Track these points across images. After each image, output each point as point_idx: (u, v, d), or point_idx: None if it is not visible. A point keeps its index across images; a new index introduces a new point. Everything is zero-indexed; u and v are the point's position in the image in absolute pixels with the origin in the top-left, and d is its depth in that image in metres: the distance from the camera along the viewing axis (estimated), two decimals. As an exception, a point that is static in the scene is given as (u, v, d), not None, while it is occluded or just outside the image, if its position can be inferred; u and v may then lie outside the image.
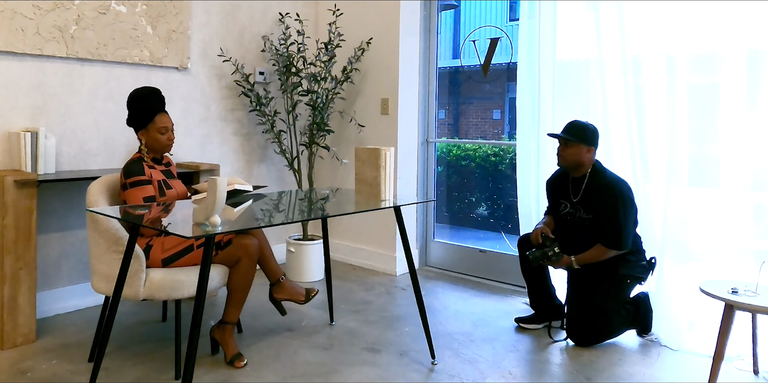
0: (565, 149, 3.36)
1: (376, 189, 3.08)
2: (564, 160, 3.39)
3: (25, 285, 3.14)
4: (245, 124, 4.72)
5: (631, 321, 3.39)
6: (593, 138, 3.36)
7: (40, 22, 3.45)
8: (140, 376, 2.84)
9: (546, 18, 3.88)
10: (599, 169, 3.39)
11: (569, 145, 3.34)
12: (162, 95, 3.14)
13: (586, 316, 3.31)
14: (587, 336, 3.31)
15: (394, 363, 3.05)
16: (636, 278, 3.35)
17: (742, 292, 2.73)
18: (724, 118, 3.29)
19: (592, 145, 3.35)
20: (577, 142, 3.31)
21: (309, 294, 3.29)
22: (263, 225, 2.62)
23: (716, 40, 3.30)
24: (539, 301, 3.62)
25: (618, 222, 3.24)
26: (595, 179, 3.36)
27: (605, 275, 3.32)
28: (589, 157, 3.37)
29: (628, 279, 3.34)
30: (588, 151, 3.35)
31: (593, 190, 3.35)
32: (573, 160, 3.36)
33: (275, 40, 4.79)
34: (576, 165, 3.38)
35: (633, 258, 3.33)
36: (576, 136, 3.32)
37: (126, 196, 2.92)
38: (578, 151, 3.33)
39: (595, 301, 3.29)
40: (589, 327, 3.30)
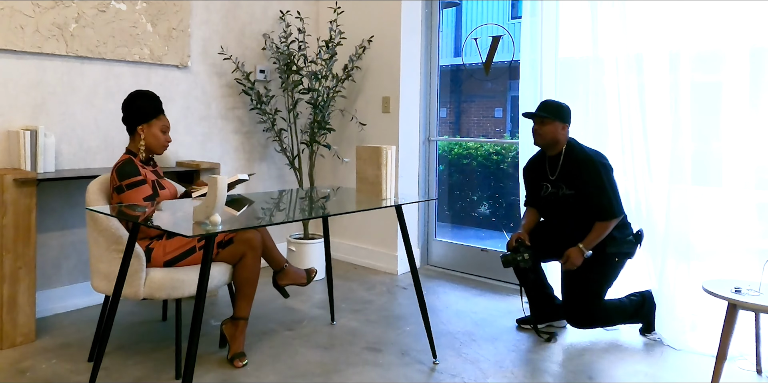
0: (541, 127, 3.37)
1: (377, 187, 3.07)
2: (541, 138, 3.39)
3: (25, 284, 3.13)
4: (246, 123, 4.71)
5: (634, 312, 3.40)
6: (567, 115, 3.38)
7: (39, 20, 3.43)
8: (140, 376, 2.83)
9: (548, 16, 3.86)
10: (574, 145, 3.40)
11: (545, 122, 3.35)
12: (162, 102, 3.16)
13: (581, 300, 3.32)
14: (584, 318, 3.32)
15: (395, 363, 3.03)
16: (624, 254, 3.34)
17: (745, 291, 2.71)
18: (727, 116, 3.28)
19: (567, 122, 3.38)
20: (553, 119, 3.33)
21: (309, 275, 3.32)
22: (264, 224, 2.61)
23: (719, 38, 3.28)
24: (538, 304, 3.56)
25: (606, 193, 3.25)
26: (572, 155, 3.36)
27: (593, 257, 3.30)
28: (563, 134, 3.38)
29: (616, 257, 3.33)
30: (563, 128, 3.36)
31: (571, 166, 3.35)
32: (550, 137, 3.36)
33: (276, 38, 4.77)
34: (552, 142, 3.38)
35: (618, 235, 3.31)
36: (551, 113, 3.34)
37: (124, 199, 2.87)
38: (554, 129, 3.34)
39: (589, 286, 3.30)
40: (586, 310, 3.31)
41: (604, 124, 3.64)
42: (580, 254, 3.28)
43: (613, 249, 3.30)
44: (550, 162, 3.47)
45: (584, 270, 3.30)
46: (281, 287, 3.27)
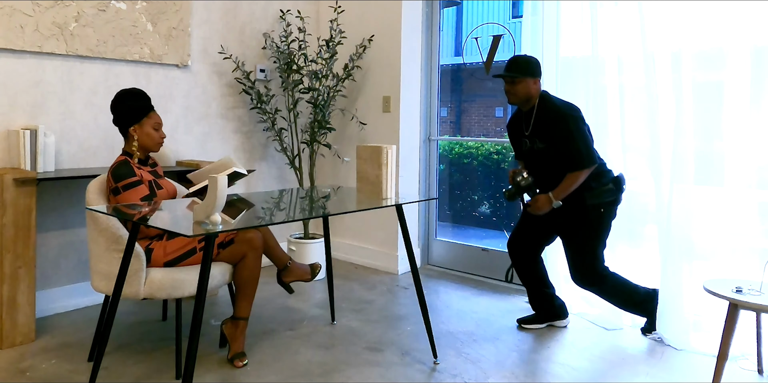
0: (513, 87, 3.33)
1: (377, 187, 3.06)
2: (515, 98, 3.36)
3: (25, 284, 3.12)
4: (246, 122, 4.70)
5: (642, 302, 3.40)
6: (537, 69, 3.33)
7: (39, 19, 3.43)
8: (140, 376, 2.82)
9: (549, 15, 3.86)
10: (546, 98, 3.35)
11: (516, 82, 3.30)
12: (150, 98, 3.12)
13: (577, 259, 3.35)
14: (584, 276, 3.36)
15: (396, 363, 3.03)
16: (608, 204, 3.28)
17: (746, 291, 2.70)
18: (729, 115, 3.27)
19: (537, 76, 3.33)
20: (524, 76, 3.28)
21: (314, 270, 3.32)
22: (264, 224, 2.60)
23: (720, 37, 3.28)
24: (539, 301, 3.58)
25: (575, 143, 3.18)
26: (544, 108, 3.32)
27: (575, 212, 3.27)
28: (536, 89, 3.33)
29: (601, 209, 3.27)
30: (534, 83, 3.32)
31: (543, 119, 3.30)
32: (522, 94, 3.32)
33: (276, 37, 4.76)
34: (526, 99, 3.34)
35: (595, 185, 3.25)
36: (521, 71, 3.29)
37: (120, 200, 2.85)
38: (526, 86, 3.30)
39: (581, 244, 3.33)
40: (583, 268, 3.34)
41: (606, 124, 3.63)
42: (547, 201, 3.26)
43: (592, 201, 3.24)
44: (525, 117, 3.42)
45: (573, 229, 3.32)
46: (286, 284, 3.26)
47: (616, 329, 3.52)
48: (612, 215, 3.32)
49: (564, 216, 3.31)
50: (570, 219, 3.30)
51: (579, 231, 3.31)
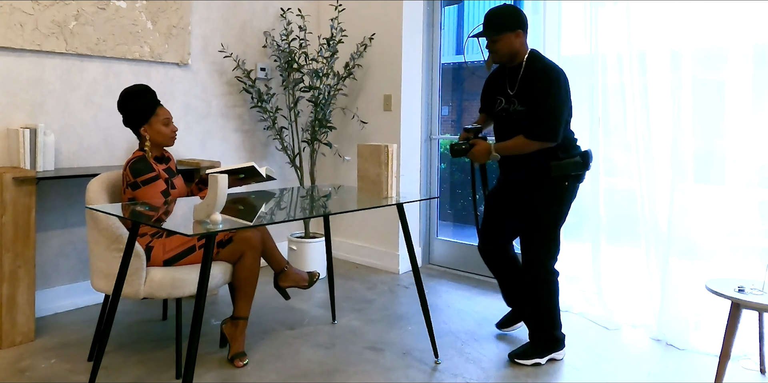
0: (494, 45, 3.01)
1: (378, 186, 3.05)
2: (498, 56, 3.05)
3: (24, 283, 3.11)
4: (246, 121, 4.69)
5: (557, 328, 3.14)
6: (516, 20, 2.99)
7: (39, 18, 3.41)
8: (140, 375, 2.81)
9: (551, 14, 3.85)
10: (536, 56, 3.04)
11: (496, 39, 2.98)
12: (153, 90, 3.10)
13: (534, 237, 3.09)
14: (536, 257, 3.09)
15: (397, 363, 3.02)
16: (573, 178, 3.03)
17: (748, 291, 2.69)
18: (730, 114, 3.26)
19: (519, 28, 2.98)
20: (502, 32, 2.96)
21: (312, 278, 3.29)
22: (265, 223, 2.59)
23: (722, 35, 3.28)
24: (513, 295, 3.41)
25: (545, 111, 2.90)
26: (532, 67, 2.99)
27: (539, 184, 3.05)
28: (520, 42, 3.00)
29: (566, 182, 3.02)
30: (517, 36, 2.98)
31: (528, 79, 2.99)
32: (506, 51, 3.01)
33: (277, 35, 4.75)
34: (510, 56, 3.03)
35: (563, 155, 3.00)
36: (499, 27, 2.97)
37: (140, 195, 2.86)
38: (508, 41, 2.98)
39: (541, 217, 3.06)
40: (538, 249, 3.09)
41: (608, 122, 3.62)
42: (486, 151, 3.05)
43: (558, 172, 2.99)
44: (510, 74, 3.11)
45: (536, 202, 3.06)
46: (282, 289, 3.25)
47: (617, 328, 3.51)
48: (574, 192, 3.09)
49: (529, 189, 3.07)
50: (534, 192, 3.05)
51: (542, 204, 3.04)
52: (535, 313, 3.11)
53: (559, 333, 3.11)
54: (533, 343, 3.10)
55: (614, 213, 3.64)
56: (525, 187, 3.10)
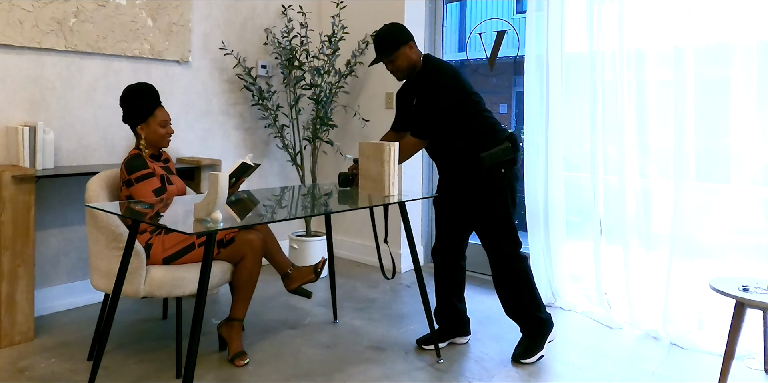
0: (394, 64, 3.05)
1: (380, 184, 3.02)
2: (401, 73, 3.08)
3: (23, 282, 3.10)
4: (247, 119, 4.67)
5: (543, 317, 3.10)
6: (403, 33, 3.05)
7: (38, 15, 3.39)
8: (140, 375, 2.80)
9: (554, 10, 3.81)
10: (429, 60, 3.08)
11: (393, 58, 3.02)
12: (157, 90, 3.10)
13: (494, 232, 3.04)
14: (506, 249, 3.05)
15: (399, 362, 3.00)
16: (507, 163, 2.99)
17: (753, 290, 2.67)
18: (735, 111, 3.24)
19: (409, 39, 3.04)
20: (398, 49, 3.00)
21: (316, 269, 3.25)
22: (266, 222, 2.57)
23: (726, 32, 3.26)
24: (446, 315, 3.25)
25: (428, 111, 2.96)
26: (426, 71, 3.04)
27: (476, 179, 3.00)
28: (415, 52, 3.06)
29: (501, 169, 2.98)
30: (410, 48, 3.03)
31: (425, 83, 3.03)
32: (406, 65, 3.05)
33: (278, 32, 4.73)
34: (411, 67, 3.06)
35: (490, 144, 2.98)
36: (392, 45, 3.00)
37: (134, 192, 2.87)
38: (404, 55, 3.02)
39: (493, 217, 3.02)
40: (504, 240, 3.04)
41: (613, 120, 3.59)
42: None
43: (490, 161, 2.95)
44: (414, 87, 3.15)
45: (480, 199, 3.02)
46: (296, 290, 3.23)
47: (620, 328, 3.49)
48: (514, 177, 3.05)
49: (467, 185, 3.03)
50: (473, 187, 3.01)
51: (485, 198, 3.00)
52: (517, 303, 3.07)
53: (545, 313, 3.10)
54: (528, 336, 3.08)
55: (616, 212, 3.61)
56: (463, 185, 3.07)
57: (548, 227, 3.86)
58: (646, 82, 3.47)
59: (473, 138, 3.00)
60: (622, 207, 3.52)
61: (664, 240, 3.39)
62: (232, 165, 3.98)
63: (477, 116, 3.04)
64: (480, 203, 3.02)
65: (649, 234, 3.46)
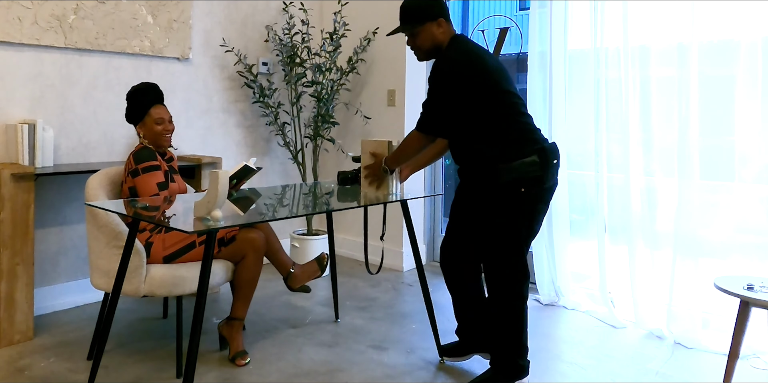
0: (415, 40, 2.65)
1: (381, 182, 3.00)
2: (423, 54, 2.70)
3: (23, 281, 3.08)
4: (248, 116, 4.65)
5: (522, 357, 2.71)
6: (433, 7, 2.63)
7: (37, 12, 3.37)
8: (140, 375, 2.78)
9: (557, 7, 3.80)
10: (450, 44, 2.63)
11: (416, 33, 2.63)
12: (159, 89, 3.11)
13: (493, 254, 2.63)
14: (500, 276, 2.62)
15: (401, 361, 2.98)
16: (530, 181, 2.49)
17: (758, 288, 2.65)
18: (739, 109, 3.23)
19: (440, 15, 2.61)
20: (422, 23, 2.60)
21: (321, 263, 3.23)
22: (267, 220, 2.56)
23: (730, 29, 3.26)
24: (466, 325, 2.95)
25: (426, 101, 2.60)
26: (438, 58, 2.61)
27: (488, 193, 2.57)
28: (442, 32, 2.62)
29: (521, 187, 2.49)
30: (439, 26, 2.61)
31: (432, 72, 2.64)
32: (430, 45, 2.64)
33: (279, 29, 4.70)
34: (436, 49, 2.65)
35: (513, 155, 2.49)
36: (416, 18, 2.61)
37: (138, 183, 2.87)
38: (429, 33, 2.61)
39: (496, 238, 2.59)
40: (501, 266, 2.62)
41: (616, 118, 3.57)
42: (378, 166, 2.84)
43: (508, 176, 2.48)
44: None
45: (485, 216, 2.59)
46: (296, 289, 3.21)
47: (624, 327, 3.47)
48: (537, 198, 2.55)
49: (480, 198, 2.61)
50: (485, 202, 2.58)
51: (493, 216, 2.56)
52: (500, 342, 2.66)
53: (524, 361, 2.69)
54: (495, 370, 2.69)
55: (620, 210, 3.59)
56: (477, 196, 2.64)
57: (551, 225, 3.84)
58: (650, 79, 3.45)
59: (495, 143, 2.52)
60: (626, 206, 3.50)
61: (668, 239, 3.38)
62: (234, 165, 3.97)
63: (504, 119, 2.53)
64: (487, 223, 2.59)
65: (653, 232, 3.45)
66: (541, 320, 3.60)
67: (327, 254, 3.32)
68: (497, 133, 2.53)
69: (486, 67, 2.53)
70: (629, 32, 3.48)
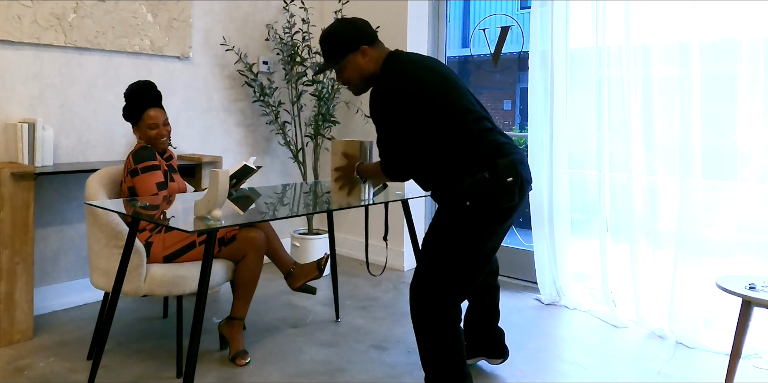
0: (342, 76, 2.43)
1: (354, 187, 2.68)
2: (355, 88, 2.46)
3: (22, 280, 3.07)
4: (248, 115, 4.64)
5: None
6: (349, 39, 2.36)
7: (37, 10, 3.36)
8: (140, 374, 2.77)
9: (558, 5, 3.79)
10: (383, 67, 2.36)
11: (340, 68, 2.41)
12: (154, 90, 3.08)
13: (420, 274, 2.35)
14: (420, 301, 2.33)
15: (402, 361, 2.97)
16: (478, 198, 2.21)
17: (759, 288, 2.64)
18: (742, 108, 3.23)
19: (360, 44, 2.35)
20: (341, 58, 2.38)
21: (320, 265, 3.21)
22: (267, 219, 2.55)
23: (732, 28, 3.24)
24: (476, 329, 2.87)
25: (378, 137, 2.33)
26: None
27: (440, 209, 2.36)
28: (368, 60, 2.37)
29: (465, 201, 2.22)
30: (363, 54, 2.36)
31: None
32: (359, 76, 2.40)
33: (279, 28, 4.70)
34: (369, 79, 2.40)
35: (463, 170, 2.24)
36: (334, 55, 2.39)
37: (137, 182, 2.87)
38: (354, 64, 2.37)
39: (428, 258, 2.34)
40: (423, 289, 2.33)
41: (618, 117, 3.56)
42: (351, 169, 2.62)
43: (458, 195, 2.24)
44: None
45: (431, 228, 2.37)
46: (299, 288, 3.20)
47: (626, 327, 3.46)
48: (488, 218, 2.26)
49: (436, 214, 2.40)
50: (436, 216, 2.37)
51: (435, 229, 2.34)
52: (427, 362, 2.38)
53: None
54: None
55: (622, 210, 3.58)
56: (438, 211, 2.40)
57: (553, 225, 3.84)
58: (651, 78, 3.44)
59: (448, 160, 2.28)
60: (628, 205, 3.49)
61: (670, 238, 3.37)
62: (234, 165, 3.96)
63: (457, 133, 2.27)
64: (429, 233, 2.38)
65: (655, 231, 3.44)
66: (542, 320, 3.59)
67: (329, 254, 3.31)
68: (450, 149, 2.27)
69: (429, 80, 2.28)
70: (631, 31, 3.47)
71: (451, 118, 2.27)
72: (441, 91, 2.28)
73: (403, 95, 2.23)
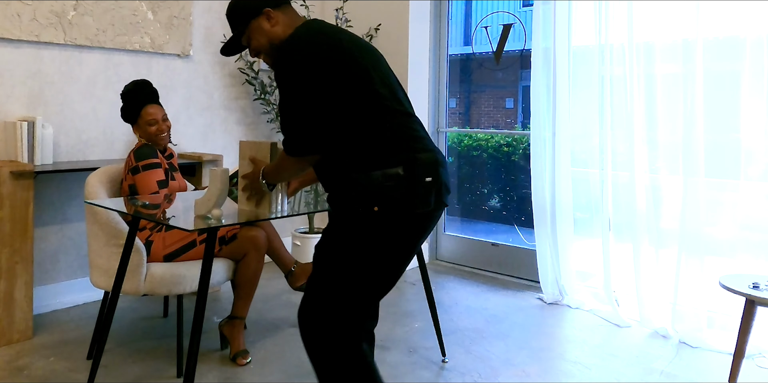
0: (251, 45, 2.10)
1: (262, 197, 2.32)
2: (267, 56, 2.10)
3: (22, 279, 3.06)
4: (249, 113, 4.62)
5: None
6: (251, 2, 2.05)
7: (37, 8, 3.35)
8: (140, 374, 2.76)
9: (561, 3, 3.77)
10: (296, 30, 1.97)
11: (247, 37, 2.09)
12: (150, 87, 3.08)
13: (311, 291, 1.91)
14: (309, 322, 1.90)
15: (403, 361, 2.96)
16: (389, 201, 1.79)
17: (763, 287, 2.63)
18: (745, 106, 3.21)
19: (263, 6, 2.04)
20: (245, 25, 2.06)
21: None
22: (268, 218, 2.53)
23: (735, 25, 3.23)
24: None
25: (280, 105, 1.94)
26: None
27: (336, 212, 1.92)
28: (274, 23, 2.04)
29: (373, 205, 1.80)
30: (268, 18, 2.04)
31: None
32: (267, 43, 2.05)
33: (280, 27, 4.67)
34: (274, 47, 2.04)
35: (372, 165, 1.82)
36: (237, 23, 2.08)
37: (138, 180, 2.86)
38: (259, 30, 2.04)
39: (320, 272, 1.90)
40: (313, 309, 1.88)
41: (621, 115, 3.54)
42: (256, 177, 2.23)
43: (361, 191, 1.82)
44: None
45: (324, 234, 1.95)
46: (300, 288, 3.18)
47: (629, 326, 3.45)
48: (399, 226, 1.84)
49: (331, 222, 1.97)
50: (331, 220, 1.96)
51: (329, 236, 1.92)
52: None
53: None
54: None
55: (625, 208, 3.57)
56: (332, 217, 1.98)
57: (555, 223, 3.82)
58: (654, 76, 3.43)
59: (356, 148, 1.87)
60: (631, 204, 3.48)
61: (673, 237, 3.35)
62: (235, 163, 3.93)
63: (372, 117, 1.88)
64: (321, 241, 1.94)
65: (658, 230, 3.42)
66: (544, 319, 3.58)
67: None
68: (360, 134, 1.87)
69: (353, 53, 1.92)
70: (634, 28, 3.45)
71: (371, 98, 1.89)
72: (365, 65, 1.92)
73: (322, 57, 1.86)
